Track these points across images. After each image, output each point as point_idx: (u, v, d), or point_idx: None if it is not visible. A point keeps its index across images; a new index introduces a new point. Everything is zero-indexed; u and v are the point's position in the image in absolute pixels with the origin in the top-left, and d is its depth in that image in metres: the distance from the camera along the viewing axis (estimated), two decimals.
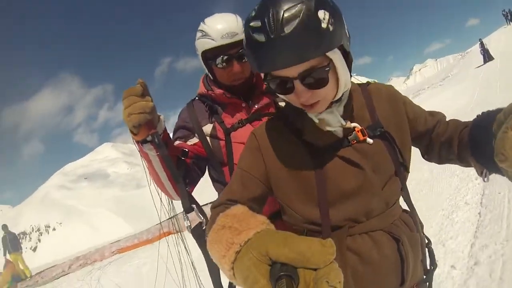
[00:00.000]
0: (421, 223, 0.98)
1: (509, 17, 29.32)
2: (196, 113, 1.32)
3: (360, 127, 0.86)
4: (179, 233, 1.62)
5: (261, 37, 0.69)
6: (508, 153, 0.62)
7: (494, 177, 0.78)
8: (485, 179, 0.80)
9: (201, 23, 1.26)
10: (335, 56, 0.73)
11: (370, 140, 0.85)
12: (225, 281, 0.97)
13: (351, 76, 0.83)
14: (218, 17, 1.25)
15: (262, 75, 0.81)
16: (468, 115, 0.90)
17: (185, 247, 1.60)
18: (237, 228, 0.65)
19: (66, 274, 8.22)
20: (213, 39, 1.20)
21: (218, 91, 1.29)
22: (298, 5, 0.66)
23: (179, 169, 1.16)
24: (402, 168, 0.89)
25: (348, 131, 0.86)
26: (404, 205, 0.96)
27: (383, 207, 0.86)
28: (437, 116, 0.98)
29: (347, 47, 0.77)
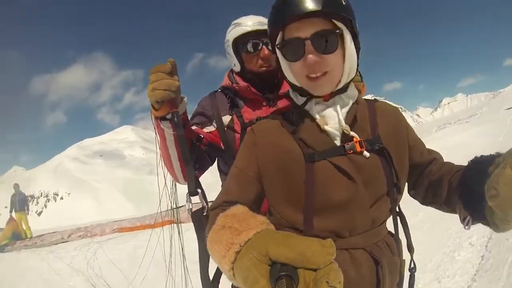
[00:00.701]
0: (412, 247, 0.97)
1: None
2: (218, 103, 1.36)
3: (358, 138, 0.84)
4: (177, 224, 1.65)
5: None
6: (501, 188, 0.60)
7: None
8: (466, 227, 0.77)
9: (234, 20, 1.35)
10: (344, 29, 0.80)
11: (366, 153, 0.83)
12: (213, 274, 0.97)
13: (358, 67, 0.87)
14: (249, 15, 1.35)
15: (279, 39, 0.85)
16: None
17: (179, 237, 1.63)
18: (237, 228, 0.65)
19: (65, 242, 8.42)
20: (246, 26, 1.30)
21: (243, 84, 1.34)
22: None
23: (191, 152, 1.18)
24: (395, 189, 0.87)
25: (346, 139, 0.84)
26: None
27: (368, 225, 0.83)
28: (434, 154, 0.97)
29: (357, 32, 0.83)
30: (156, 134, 1.20)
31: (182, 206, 1.25)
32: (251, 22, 1.30)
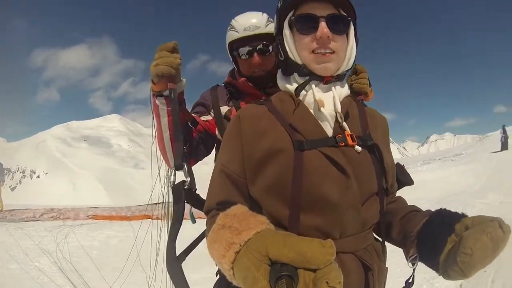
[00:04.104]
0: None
1: None
2: (217, 95, 1.43)
3: (350, 132, 0.81)
4: (159, 220, 1.62)
5: None
6: (475, 252, 0.64)
7: None
8: (411, 263, 0.79)
9: (232, 19, 1.38)
10: (351, 25, 0.87)
11: (358, 148, 0.80)
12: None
13: (354, 62, 0.91)
14: (246, 13, 1.37)
15: (290, 14, 0.87)
16: (471, 196, 0.88)
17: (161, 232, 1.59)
18: (237, 228, 0.64)
19: (36, 221, 8.12)
20: (237, 31, 1.33)
21: (241, 79, 1.39)
22: None
23: (183, 131, 1.22)
24: (383, 190, 0.85)
25: (337, 131, 0.82)
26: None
27: (359, 227, 0.80)
28: (395, 186, 0.98)
29: (356, 30, 0.89)
30: (153, 119, 1.24)
31: (170, 201, 1.24)
32: (242, 27, 1.32)
